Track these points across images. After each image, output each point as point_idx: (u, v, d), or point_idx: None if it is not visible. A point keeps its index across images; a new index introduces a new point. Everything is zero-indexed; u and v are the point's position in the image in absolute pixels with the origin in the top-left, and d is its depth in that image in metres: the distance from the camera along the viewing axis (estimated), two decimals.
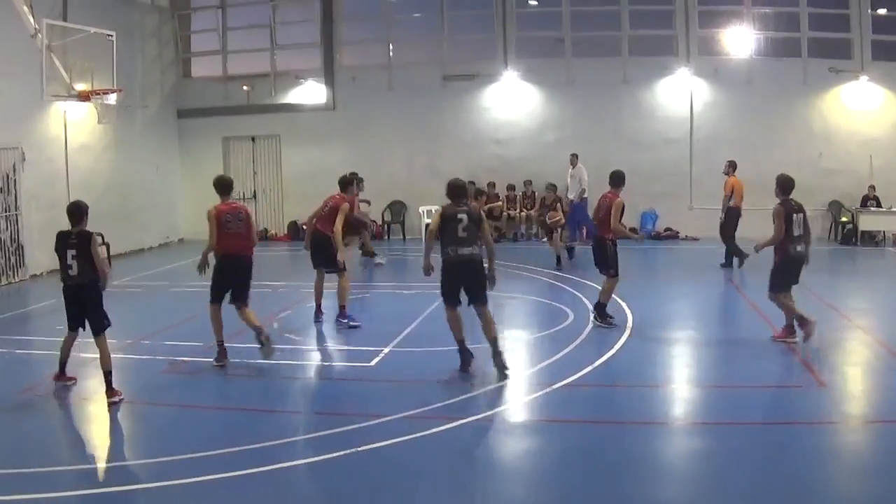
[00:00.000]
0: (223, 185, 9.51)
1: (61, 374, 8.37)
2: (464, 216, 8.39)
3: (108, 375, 7.90)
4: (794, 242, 9.38)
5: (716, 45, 20.67)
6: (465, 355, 8.55)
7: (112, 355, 8.06)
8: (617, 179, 10.76)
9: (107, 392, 7.88)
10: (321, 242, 10.95)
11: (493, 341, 8.37)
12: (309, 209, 11.51)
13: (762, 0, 20.32)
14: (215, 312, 9.17)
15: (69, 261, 7.88)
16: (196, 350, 9.81)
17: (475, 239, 8.40)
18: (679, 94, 20.34)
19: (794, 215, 9.35)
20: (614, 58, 20.45)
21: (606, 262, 10.62)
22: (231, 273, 9.15)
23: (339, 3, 21.26)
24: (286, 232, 21.68)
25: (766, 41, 20.52)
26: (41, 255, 15.43)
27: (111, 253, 17.76)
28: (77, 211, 8.09)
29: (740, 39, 20.33)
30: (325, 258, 10.96)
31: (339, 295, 10.96)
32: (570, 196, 18.05)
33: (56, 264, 8.26)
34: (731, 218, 15.95)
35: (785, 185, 9.61)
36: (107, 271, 8.16)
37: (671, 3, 20.28)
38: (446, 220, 8.43)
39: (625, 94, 20.33)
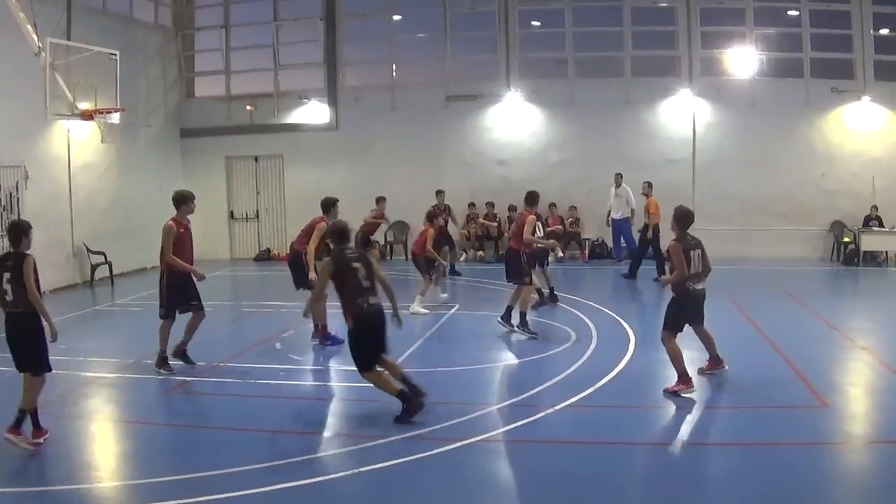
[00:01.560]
0: (179, 199, 9.96)
1: (15, 428, 7.05)
2: (359, 264, 7.84)
3: (22, 413, 7.03)
4: (692, 280, 8.71)
5: (718, 65, 20.74)
6: (410, 402, 7.76)
7: (115, 374, 7.98)
8: (531, 199, 12.17)
9: (10, 429, 6.97)
10: (296, 262, 11.19)
11: (404, 378, 7.93)
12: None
13: (764, 21, 20.42)
14: (167, 326, 9.62)
15: (3, 285, 7.02)
16: (197, 370, 9.80)
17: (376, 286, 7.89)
18: (681, 114, 20.36)
19: (692, 252, 8.72)
20: (617, 78, 20.49)
21: (521, 272, 11.58)
22: (183, 288, 9.62)
23: (342, 23, 21.36)
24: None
25: (768, 62, 20.58)
26: (45, 274, 15.25)
27: (114, 272, 17.86)
28: (15, 230, 7.20)
29: (743, 60, 20.40)
30: (300, 277, 11.10)
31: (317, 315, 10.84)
32: (615, 216, 18.80)
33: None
34: (655, 234, 16.93)
35: (682, 219, 8.96)
36: (39, 300, 7.06)
37: (674, 24, 20.37)
38: (342, 270, 7.79)
39: (627, 114, 20.36)
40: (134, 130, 19.70)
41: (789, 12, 20.55)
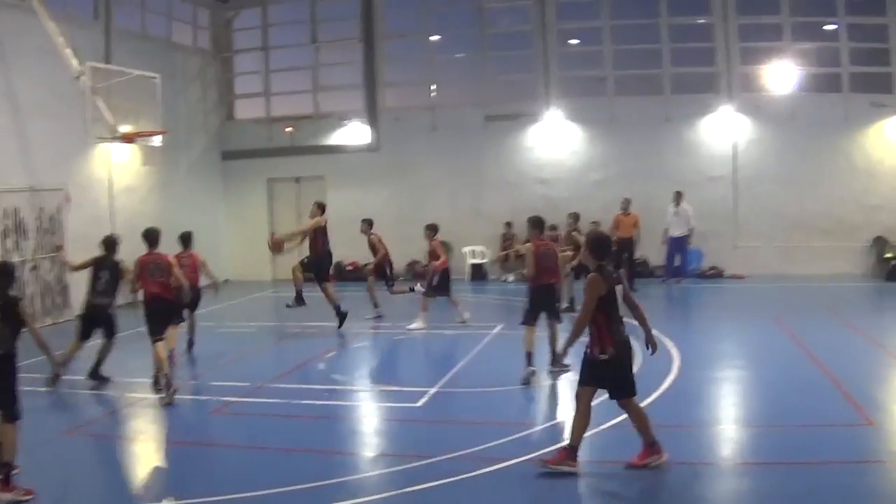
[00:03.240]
0: (148, 237, 10.51)
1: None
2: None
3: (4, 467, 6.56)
4: (620, 323, 6.89)
5: (757, 81, 20.75)
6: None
7: (160, 395, 8.60)
8: (432, 230, 14.57)
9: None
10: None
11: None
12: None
13: (802, 35, 20.40)
14: (161, 347, 10.03)
15: None
16: (241, 391, 9.95)
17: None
18: (722, 131, 20.39)
19: (616, 287, 6.88)
20: (657, 96, 20.54)
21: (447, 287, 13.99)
22: (155, 312, 10.18)
23: (381, 44, 21.45)
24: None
25: (807, 77, 20.58)
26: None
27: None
28: (4, 272, 7.16)
29: (782, 75, 20.40)
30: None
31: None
32: (674, 233, 19.14)
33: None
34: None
35: (597, 246, 6.97)
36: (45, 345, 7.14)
37: (712, 41, 20.38)
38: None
39: (668, 132, 20.39)
40: (175, 153, 19.88)
41: (827, 27, 20.54)
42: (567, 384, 9.93)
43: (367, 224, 15.51)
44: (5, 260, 7.90)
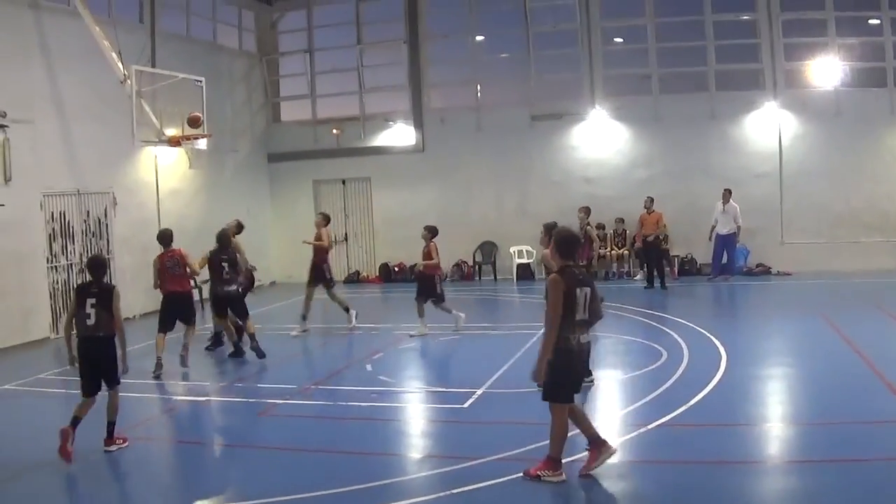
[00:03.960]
0: (162, 238, 11.86)
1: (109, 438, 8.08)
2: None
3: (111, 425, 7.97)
4: (576, 330, 6.57)
5: (802, 77, 20.74)
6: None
7: (206, 398, 9.07)
8: (431, 232, 13.75)
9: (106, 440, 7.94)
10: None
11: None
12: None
13: (847, 30, 20.35)
14: (161, 338, 11.34)
15: (87, 309, 7.91)
16: (288, 392, 10.10)
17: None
18: (767, 127, 20.39)
19: (578, 290, 6.53)
20: (701, 93, 20.56)
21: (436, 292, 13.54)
22: (174, 306, 11.62)
23: (425, 45, 21.55)
24: (377, 274, 21.96)
25: (852, 72, 20.54)
26: (133, 299, 15.50)
27: (203, 296, 17.07)
28: (98, 264, 8.36)
29: (826, 71, 20.36)
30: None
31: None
32: (722, 231, 19.29)
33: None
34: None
35: (563, 245, 6.74)
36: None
37: (757, 37, 20.36)
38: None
39: (713, 129, 20.42)
40: (221, 156, 20.08)
41: (871, 21, 20.51)
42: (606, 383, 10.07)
43: (430, 232, 14.22)
44: (97, 254, 8.59)
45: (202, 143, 17.38)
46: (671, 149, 20.58)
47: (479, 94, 21.48)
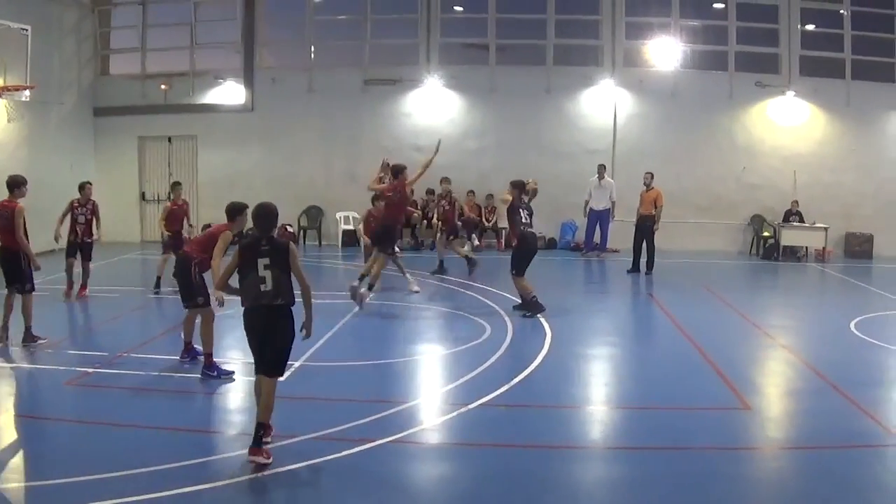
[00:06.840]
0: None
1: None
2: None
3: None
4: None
5: (641, 56, 20.49)
6: None
7: (16, 365, 8.30)
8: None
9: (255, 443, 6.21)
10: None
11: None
12: (223, 212, 9.65)
13: (690, 13, 20.19)
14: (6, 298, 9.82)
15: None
16: (98, 360, 9.13)
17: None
18: (603, 104, 20.08)
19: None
20: (538, 66, 20.19)
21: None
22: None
23: (260, 2, 20.83)
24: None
25: (692, 54, 20.34)
26: None
27: None
28: (264, 214, 6.52)
29: (666, 51, 20.11)
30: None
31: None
32: (596, 206, 18.75)
33: None
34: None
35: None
36: None
37: (598, 14, 20.07)
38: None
39: (548, 103, 20.05)
40: (46, 109, 19.08)
41: (715, 5, 20.37)
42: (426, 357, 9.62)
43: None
44: (266, 202, 6.40)
45: (24, 95, 16.41)
46: (504, 121, 20.13)
47: (312, 55, 20.74)
